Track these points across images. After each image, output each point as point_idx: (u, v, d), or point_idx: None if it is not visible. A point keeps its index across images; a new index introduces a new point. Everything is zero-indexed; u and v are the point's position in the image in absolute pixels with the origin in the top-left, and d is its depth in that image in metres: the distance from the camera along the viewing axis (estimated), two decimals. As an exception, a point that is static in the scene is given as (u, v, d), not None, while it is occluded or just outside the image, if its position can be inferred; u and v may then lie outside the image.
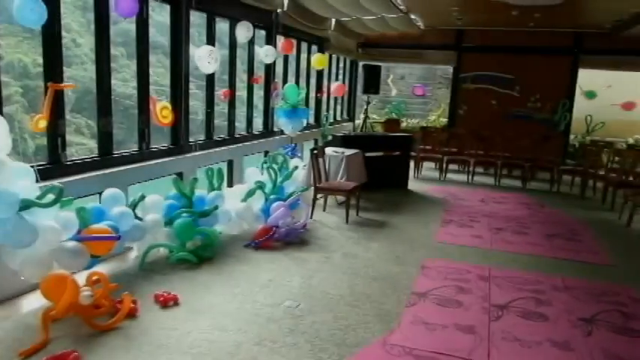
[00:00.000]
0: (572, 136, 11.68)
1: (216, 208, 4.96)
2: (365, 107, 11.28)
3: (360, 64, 11.80)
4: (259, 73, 7.72)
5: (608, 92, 11.95)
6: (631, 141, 11.17)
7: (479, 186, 9.27)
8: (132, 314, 3.49)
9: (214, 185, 5.33)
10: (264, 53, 7.26)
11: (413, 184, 8.82)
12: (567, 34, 11.04)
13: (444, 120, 12.49)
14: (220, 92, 6.72)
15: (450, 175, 9.89)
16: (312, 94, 10.01)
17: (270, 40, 7.63)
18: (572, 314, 3.96)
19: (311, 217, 6.23)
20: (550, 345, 3.46)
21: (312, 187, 6.47)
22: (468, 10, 9.34)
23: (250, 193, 5.56)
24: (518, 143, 9.98)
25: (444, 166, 9.79)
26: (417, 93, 12.95)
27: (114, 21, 4.78)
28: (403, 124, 12.26)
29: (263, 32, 7.62)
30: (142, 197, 4.49)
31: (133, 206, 4.39)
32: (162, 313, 3.63)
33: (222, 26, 6.79)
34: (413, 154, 9.41)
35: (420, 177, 9.75)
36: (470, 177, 9.68)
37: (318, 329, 3.52)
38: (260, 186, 5.66)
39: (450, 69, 12.17)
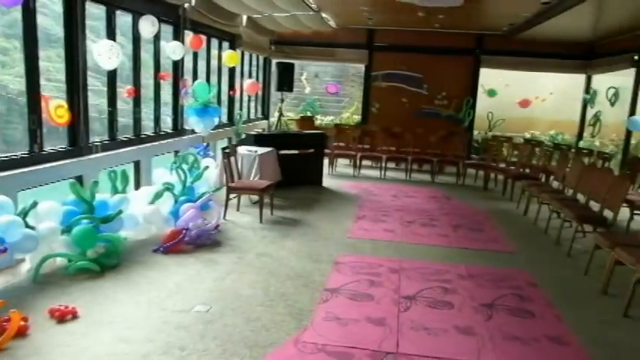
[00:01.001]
0: (475, 132, 12.39)
1: (120, 212, 4.70)
2: (279, 105, 11.24)
3: (274, 61, 11.75)
4: (168, 69, 7.42)
5: (507, 90, 12.76)
6: (527, 136, 12.03)
7: (391, 181, 9.56)
8: (22, 333, 3.18)
9: (118, 188, 5.05)
10: (172, 49, 6.98)
11: (328, 181, 8.91)
12: (470, 35, 11.69)
13: (357, 117, 12.76)
14: (124, 89, 6.38)
15: (363, 171, 10.12)
16: (226, 92, 9.81)
17: (177, 36, 7.35)
18: (474, 300, 4.17)
19: (224, 218, 6.09)
20: (455, 331, 3.61)
21: (225, 187, 6.32)
22: (378, 10, 9.58)
23: (158, 195, 5.32)
24: (427, 139, 10.46)
25: (358, 162, 10.00)
26: (330, 91, 13.10)
27: (2, 10, 4.36)
28: (317, 122, 12.36)
29: (170, 27, 7.33)
30: (34, 204, 4.14)
31: (24, 214, 4.03)
32: (59, 328, 3.35)
33: (129, 20, 6.45)
34: (327, 151, 9.53)
35: (334, 173, 9.89)
36: (382, 172, 9.95)
37: (230, 332, 3.43)
38: (168, 187, 5.43)
39: (362, 67, 12.43)
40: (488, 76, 12.30)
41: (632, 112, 9.33)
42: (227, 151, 6.41)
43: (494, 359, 3.26)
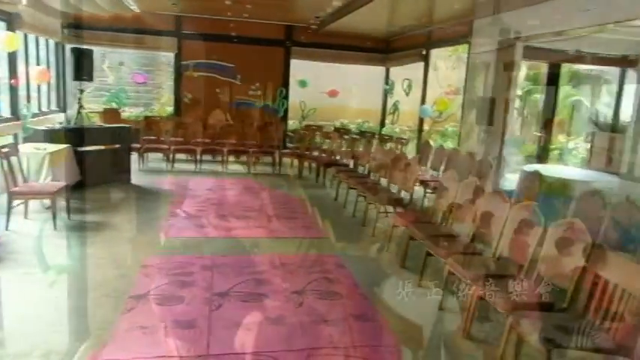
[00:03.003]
0: (290, 122, 12.73)
1: None
2: (78, 96, 10.06)
3: (68, 47, 10.45)
4: None
5: (317, 81, 13.33)
6: (337, 124, 12.77)
7: (207, 174, 9.29)
8: None
9: None
10: None
11: (138, 178, 8.27)
12: (279, 26, 11.91)
13: (169, 109, 12.13)
14: None
15: (178, 165, 9.65)
16: (7, 81, 8.40)
17: None
18: (287, 289, 4.21)
19: (6, 229, 5.21)
20: (267, 323, 3.58)
21: (6, 193, 5.40)
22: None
23: None
24: (244, 130, 10.43)
25: (172, 156, 9.50)
26: (137, 80, 12.17)
27: None
28: (125, 114, 11.41)
29: None
30: None
31: None
32: None
33: None
34: (136, 145, 8.86)
35: (145, 169, 9.25)
36: (198, 166, 9.62)
37: (6, 366, 2.90)
38: None
39: (172, 56, 11.81)
40: (301, 67, 12.70)
41: (423, 101, 10.51)
42: (5, 150, 5.47)
43: (305, 345, 3.31)
